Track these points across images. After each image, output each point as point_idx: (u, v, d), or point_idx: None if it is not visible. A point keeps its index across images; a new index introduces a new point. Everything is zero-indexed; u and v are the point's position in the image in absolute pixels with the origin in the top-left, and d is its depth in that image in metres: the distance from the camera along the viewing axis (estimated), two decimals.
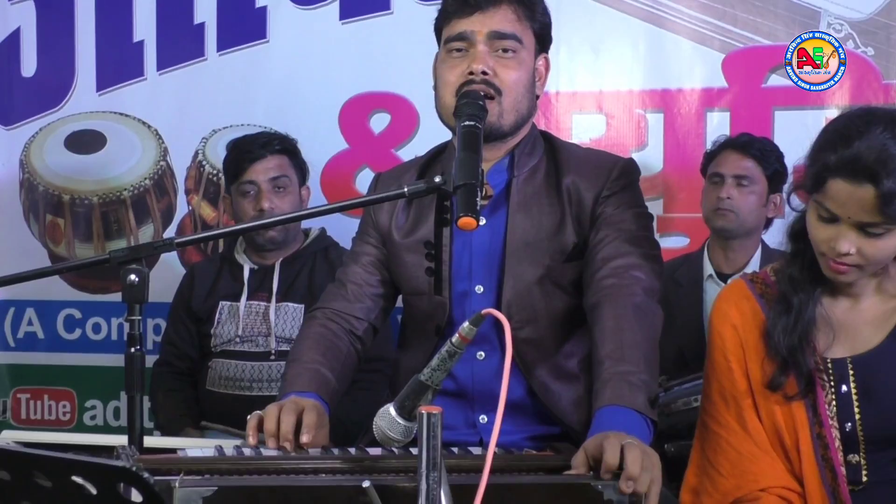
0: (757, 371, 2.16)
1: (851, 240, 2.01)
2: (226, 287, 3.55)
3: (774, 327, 2.13)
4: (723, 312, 2.22)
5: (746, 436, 2.16)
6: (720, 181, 3.55)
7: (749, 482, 2.14)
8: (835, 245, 2.02)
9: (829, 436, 2.11)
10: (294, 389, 2.21)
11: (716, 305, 2.25)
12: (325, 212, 2.43)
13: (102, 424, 4.13)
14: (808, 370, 2.11)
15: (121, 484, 1.24)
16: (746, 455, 2.16)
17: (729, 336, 2.20)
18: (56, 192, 4.11)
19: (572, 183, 2.34)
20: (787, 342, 2.11)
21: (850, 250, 2.01)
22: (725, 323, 2.21)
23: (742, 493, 2.14)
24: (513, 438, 2.27)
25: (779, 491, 2.13)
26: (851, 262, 2.03)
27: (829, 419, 2.11)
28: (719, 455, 2.19)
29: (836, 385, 2.13)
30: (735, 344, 2.19)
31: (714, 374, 2.22)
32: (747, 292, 2.21)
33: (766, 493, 2.13)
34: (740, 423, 2.17)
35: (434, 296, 2.35)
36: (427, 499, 1.53)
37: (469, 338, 1.69)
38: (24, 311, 4.14)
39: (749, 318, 2.19)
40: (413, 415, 1.75)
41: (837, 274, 2.06)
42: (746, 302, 2.20)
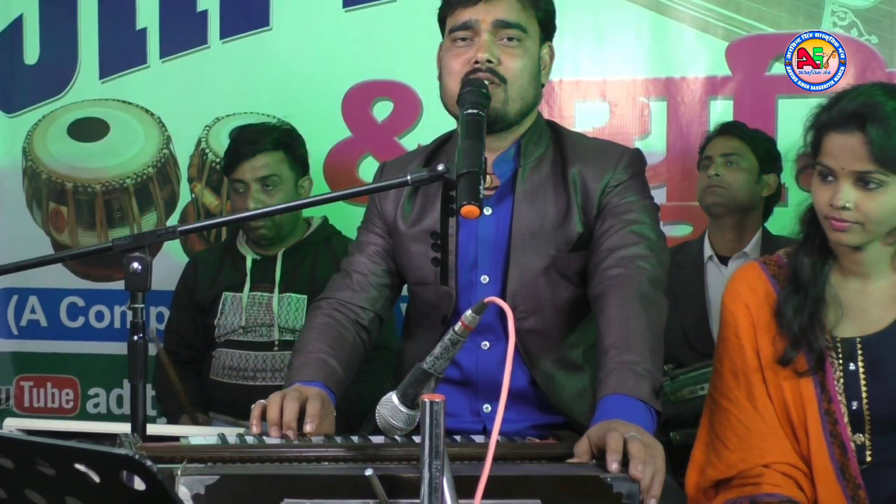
0: (767, 348, 2.18)
1: (849, 194, 2.06)
2: (228, 277, 3.54)
3: (786, 305, 2.16)
4: (736, 292, 2.25)
5: (755, 412, 2.18)
6: (709, 163, 3.58)
7: (754, 456, 2.15)
8: (833, 200, 2.06)
9: (838, 411, 2.13)
10: (299, 379, 2.21)
11: (729, 285, 2.28)
12: (328, 200, 2.42)
13: (105, 412, 4.14)
14: (820, 348, 2.14)
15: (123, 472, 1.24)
16: (754, 431, 2.17)
17: (741, 314, 2.22)
18: (59, 180, 4.12)
19: (578, 173, 2.33)
20: (797, 321, 2.14)
21: (847, 203, 2.05)
22: (738, 302, 2.23)
23: (746, 466, 2.15)
24: (516, 427, 2.27)
25: (782, 468, 2.14)
26: (851, 218, 2.06)
27: (838, 395, 2.13)
28: (727, 430, 2.20)
29: (844, 363, 2.15)
30: (747, 322, 2.21)
31: (725, 352, 2.24)
32: (760, 273, 2.24)
33: (770, 468, 2.14)
34: (750, 400, 2.19)
35: (440, 286, 2.35)
36: (430, 487, 1.52)
37: (472, 326, 1.69)
38: (28, 299, 4.15)
39: (761, 298, 2.21)
40: (416, 403, 1.75)
41: (840, 233, 2.09)
42: (759, 282, 2.23)
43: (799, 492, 2.13)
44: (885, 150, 2.02)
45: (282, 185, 3.46)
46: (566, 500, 1.72)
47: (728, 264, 3.58)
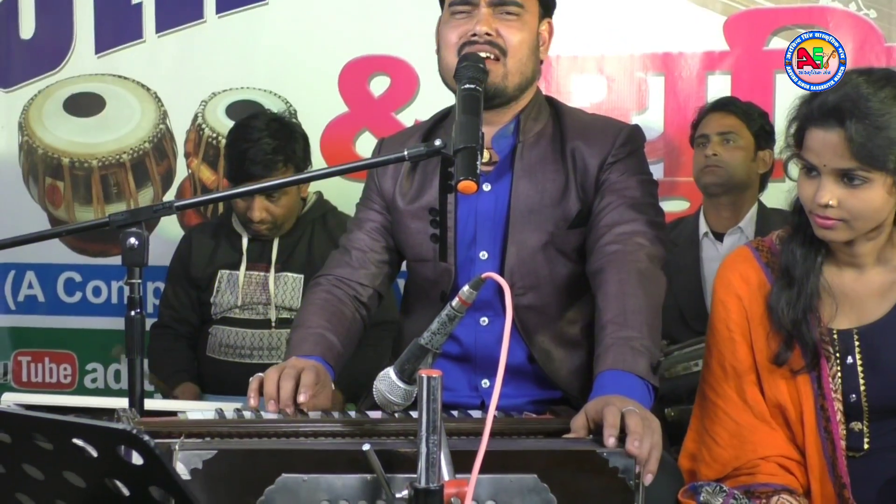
0: (762, 344, 2.16)
1: (832, 190, 2.00)
2: (224, 256, 3.53)
3: (778, 301, 2.12)
4: (727, 282, 2.20)
5: (745, 407, 2.16)
6: (705, 141, 3.56)
7: (748, 452, 2.14)
8: (817, 198, 2.02)
9: (832, 408, 2.11)
10: (298, 354, 2.21)
11: (720, 274, 2.24)
12: (324, 175, 2.42)
13: (103, 387, 4.14)
14: (814, 342, 2.10)
15: (121, 446, 1.24)
16: (745, 426, 2.16)
17: (734, 307, 2.19)
18: (55, 156, 4.10)
19: (577, 149, 2.33)
20: (790, 315, 2.11)
21: (830, 201, 2.01)
22: (730, 293, 2.19)
23: (741, 462, 2.14)
24: (513, 402, 2.28)
25: (777, 459, 2.13)
26: (835, 215, 2.02)
27: (831, 391, 2.11)
28: (717, 426, 2.19)
29: (841, 356, 2.12)
30: (740, 316, 2.18)
31: (715, 344, 2.22)
32: (753, 261, 2.20)
33: (765, 461, 2.13)
34: (739, 395, 2.17)
35: (439, 262, 2.34)
36: (427, 462, 1.53)
37: (469, 301, 1.69)
38: (25, 274, 4.14)
39: (755, 289, 2.18)
40: (413, 378, 1.75)
41: (825, 230, 2.05)
42: (752, 271, 2.19)
43: (794, 480, 2.12)
44: (867, 147, 1.95)
45: (287, 193, 3.42)
46: (562, 475, 1.73)
47: (723, 240, 3.58)
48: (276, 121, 3.46)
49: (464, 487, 1.53)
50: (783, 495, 2.08)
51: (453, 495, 1.54)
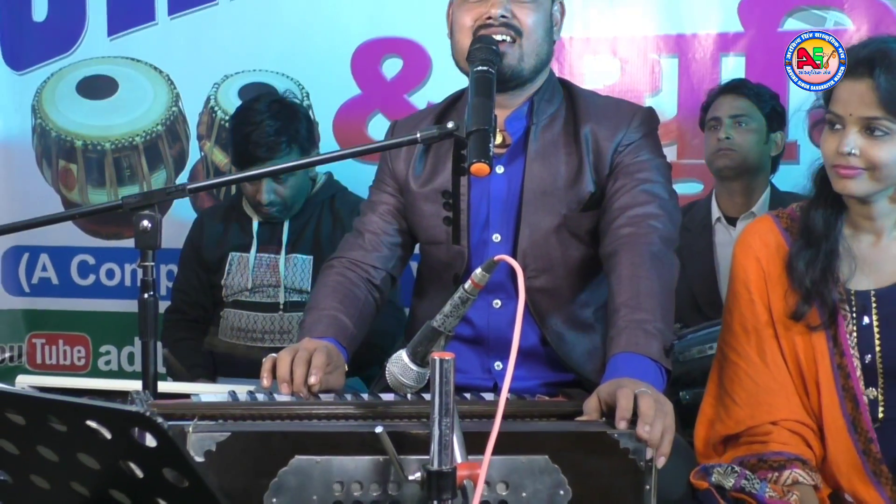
0: (778, 303, 2.18)
1: (855, 140, 2.06)
2: (235, 238, 3.53)
3: (797, 259, 2.16)
4: (747, 244, 2.24)
5: (765, 368, 2.18)
6: (718, 124, 3.54)
7: (763, 413, 2.15)
8: (840, 147, 2.06)
9: (851, 365, 2.12)
10: (311, 336, 2.21)
11: (740, 238, 2.27)
12: (337, 158, 2.40)
13: (117, 369, 4.16)
14: (833, 302, 2.13)
15: (135, 428, 1.25)
16: (763, 387, 2.17)
17: (752, 268, 2.21)
18: (68, 138, 4.11)
19: (591, 131, 2.32)
20: (809, 274, 2.14)
21: (853, 150, 2.05)
22: (749, 255, 2.22)
23: (755, 422, 2.15)
24: (526, 385, 2.28)
25: (791, 425, 2.14)
26: (857, 164, 2.06)
27: (850, 349, 2.13)
28: (736, 385, 2.20)
29: (857, 316, 2.14)
30: (758, 276, 2.20)
31: (736, 306, 2.23)
32: (773, 226, 2.23)
33: (778, 426, 2.14)
34: (760, 355, 2.19)
35: (452, 245, 2.34)
36: (439, 444, 1.53)
37: (482, 284, 1.69)
38: (38, 256, 4.15)
39: (773, 251, 2.20)
40: (425, 361, 1.75)
41: (846, 181, 2.08)
42: (771, 235, 2.22)
43: (807, 449, 2.13)
44: (893, 96, 2.01)
45: (295, 176, 3.40)
46: (574, 456, 1.73)
47: (736, 225, 3.56)
48: (277, 102, 3.45)
49: (476, 469, 1.53)
50: (795, 467, 2.08)
51: (466, 477, 1.54)
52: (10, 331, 4.19)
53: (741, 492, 2.06)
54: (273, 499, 1.67)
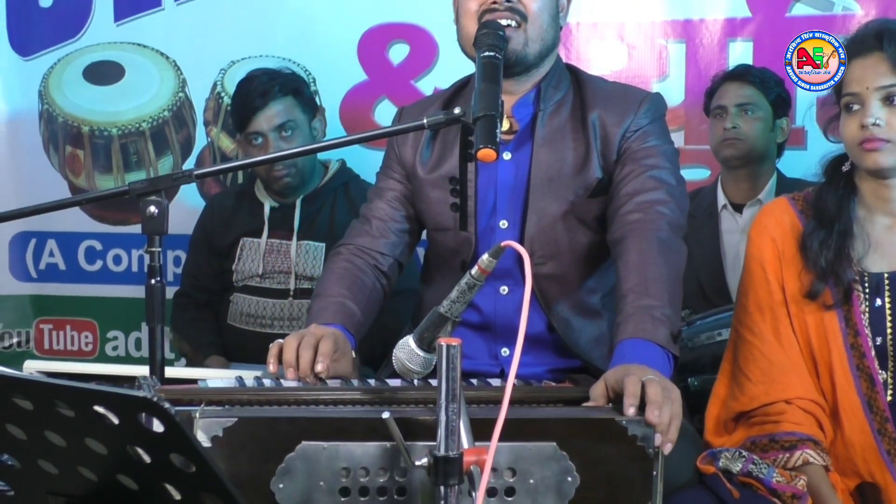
0: (793, 282, 2.19)
1: (877, 111, 2.09)
2: (246, 223, 3.53)
3: (811, 239, 2.18)
4: (762, 225, 2.25)
5: (780, 346, 2.19)
6: (723, 112, 3.52)
7: (777, 391, 2.16)
8: (863, 121, 2.09)
9: (865, 345, 2.13)
10: (318, 322, 2.21)
11: (756, 220, 2.29)
12: (344, 143, 2.41)
13: (124, 355, 4.16)
14: (847, 281, 2.15)
15: (142, 414, 1.25)
16: (777, 364, 2.18)
17: (767, 247, 2.22)
18: (75, 124, 4.11)
19: (598, 117, 2.32)
20: (824, 253, 2.16)
21: (877, 120, 2.09)
22: (764, 235, 2.24)
23: (769, 399, 2.16)
24: (533, 371, 2.28)
25: (804, 404, 2.15)
26: (882, 135, 2.09)
27: (864, 328, 2.13)
28: (751, 363, 2.21)
29: (870, 298, 2.15)
30: (773, 255, 2.21)
31: (751, 285, 2.24)
32: (788, 208, 2.25)
33: (792, 405, 2.15)
34: (775, 334, 2.20)
35: (459, 231, 2.34)
36: (446, 430, 1.53)
37: (488, 270, 1.69)
38: (46, 242, 4.16)
39: (788, 231, 2.22)
40: (432, 347, 1.76)
41: (874, 154, 2.10)
42: (786, 216, 2.24)
43: (818, 430, 2.14)
44: None
45: (298, 130, 3.42)
46: (581, 443, 1.74)
47: (742, 212, 3.55)
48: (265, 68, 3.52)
49: (483, 455, 1.53)
50: (807, 448, 2.09)
51: (473, 463, 1.54)
52: (17, 316, 4.20)
53: (748, 476, 2.06)
54: (280, 484, 1.68)
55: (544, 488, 1.72)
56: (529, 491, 1.72)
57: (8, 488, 1.45)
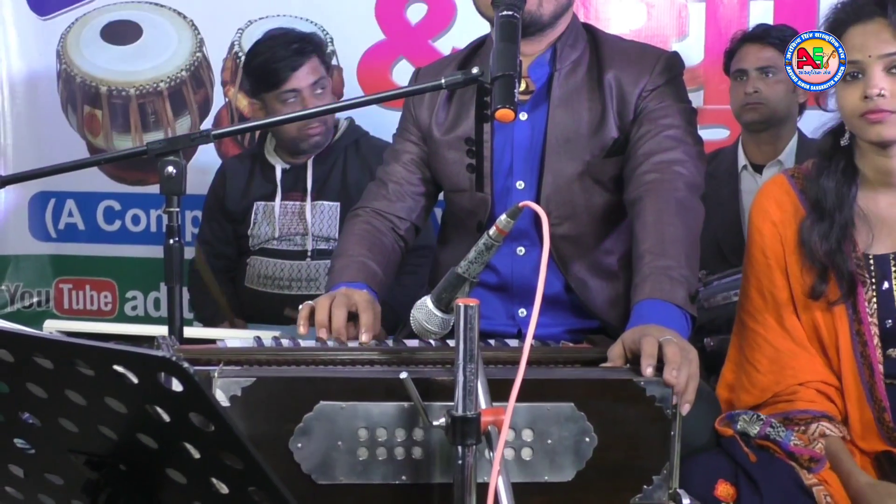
0: (794, 264, 2.15)
1: (880, 80, 2.02)
2: (259, 187, 3.53)
3: (810, 234, 2.12)
4: (762, 209, 2.20)
5: (784, 333, 2.16)
6: (744, 76, 3.48)
7: (787, 377, 2.15)
8: (867, 91, 2.02)
9: (868, 332, 2.10)
10: (342, 280, 2.21)
11: (755, 202, 2.23)
12: (362, 104, 2.40)
13: (143, 315, 4.18)
14: (849, 272, 2.09)
15: (161, 373, 1.25)
16: (784, 351, 2.16)
17: (768, 233, 2.18)
18: (93, 84, 4.10)
19: (615, 77, 2.30)
20: (824, 247, 2.10)
21: (881, 90, 2.01)
22: (765, 220, 2.19)
23: (780, 388, 2.15)
24: (550, 331, 2.28)
25: (816, 385, 2.14)
26: (887, 106, 2.02)
27: (868, 316, 2.10)
28: (756, 352, 2.19)
29: (877, 282, 2.11)
30: (774, 241, 2.18)
31: (752, 272, 2.21)
32: (788, 187, 2.20)
33: (804, 387, 2.13)
34: (778, 321, 2.17)
35: (475, 192, 2.34)
36: (464, 390, 1.53)
37: (506, 230, 1.68)
38: (65, 202, 4.16)
39: (790, 214, 2.17)
40: (450, 307, 1.76)
41: (878, 125, 2.04)
42: (787, 197, 2.19)
43: (832, 406, 2.13)
44: None
45: (328, 88, 3.43)
46: (599, 403, 1.74)
47: (763, 173, 3.53)
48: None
49: (501, 415, 1.53)
50: (822, 422, 2.09)
51: (490, 423, 1.54)
52: (37, 276, 4.22)
53: (766, 439, 2.06)
54: (298, 444, 1.69)
55: (562, 449, 1.73)
56: (547, 451, 1.73)
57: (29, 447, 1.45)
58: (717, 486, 1.98)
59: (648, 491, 1.77)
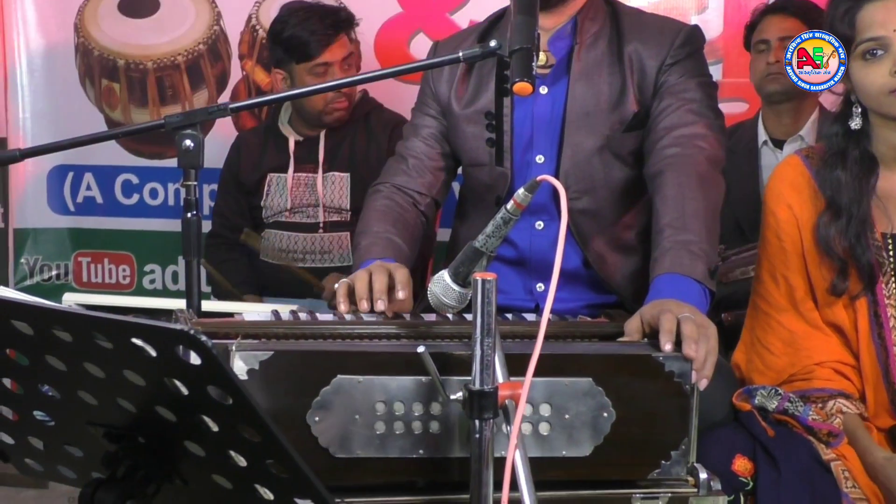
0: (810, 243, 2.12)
1: None
2: (272, 159, 3.54)
3: (827, 231, 2.08)
4: (777, 192, 2.17)
5: (798, 316, 2.15)
6: (766, 47, 3.45)
7: (803, 358, 2.13)
8: (893, 67, 1.97)
9: (885, 315, 2.09)
10: (370, 257, 2.20)
11: (770, 185, 2.20)
12: (378, 77, 2.39)
13: (161, 288, 4.19)
14: (869, 263, 2.06)
15: (179, 346, 1.25)
16: (799, 333, 2.14)
17: (784, 217, 2.15)
18: (111, 57, 4.10)
19: (635, 51, 2.28)
20: (843, 243, 2.07)
21: None
22: (780, 203, 2.16)
23: (796, 369, 2.13)
24: (568, 306, 2.28)
25: (833, 365, 2.12)
26: None
27: (885, 298, 2.08)
28: (770, 335, 2.17)
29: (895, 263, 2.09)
30: (790, 225, 2.15)
31: (766, 255, 2.19)
32: (802, 169, 2.16)
33: (821, 366, 2.12)
34: (791, 304, 2.15)
35: (495, 167, 2.33)
36: (481, 364, 1.53)
37: (524, 204, 1.67)
38: (83, 175, 4.17)
39: (806, 196, 2.14)
40: (467, 281, 1.75)
41: None
42: (802, 179, 2.15)
43: (849, 384, 2.11)
44: None
45: (354, 62, 3.43)
46: (617, 378, 1.74)
47: (783, 148, 3.50)
48: None
49: (518, 389, 1.53)
50: (840, 399, 2.07)
51: (508, 397, 1.54)
52: (56, 249, 4.23)
53: (784, 414, 2.05)
54: (315, 417, 1.69)
55: (580, 424, 1.73)
56: (565, 426, 1.73)
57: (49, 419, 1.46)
58: (734, 460, 1.98)
59: (666, 466, 1.77)
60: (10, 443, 1.53)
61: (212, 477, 1.36)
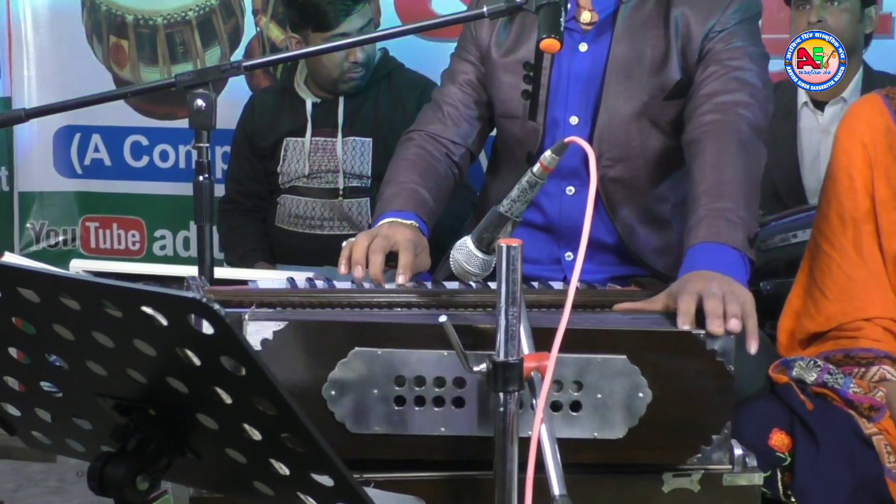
0: (883, 189, 2.07)
1: None
2: (288, 122, 3.47)
3: None
4: (852, 128, 2.12)
5: (860, 260, 2.09)
6: (807, 4, 3.36)
7: (855, 309, 2.08)
8: None
9: None
10: (391, 209, 2.16)
11: (844, 121, 2.15)
12: (400, 34, 2.34)
13: (172, 255, 4.15)
14: None
15: (191, 315, 1.21)
16: (857, 280, 2.09)
17: (857, 153, 2.10)
18: (119, 13, 4.04)
19: (682, 14, 2.21)
20: None
21: None
22: (854, 139, 2.11)
23: (846, 318, 2.08)
24: (596, 277, 2.23)
25: (885, 322, 2.07)
26: None
27: None
28: (827, 278, 2.12)
29: None
30: (863, 162, 2.10)
31: (834, 194, 2.14)
32: (882, 107, 2.11)
33: (871, 322, 2.07)
34: (856, 248, 2.10)
35: (527, 121, 2.27)
36: (506, 335, 1.47)
37: (551, 167, 1.61)
38: (90, 137, 4.12)
39: (881, 136, 2.09)
40: (492, 248, 1.70)
41: None
42: (880, 118, 2.10)
43: None
44: None
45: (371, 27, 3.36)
46: (654, 357, 1.67)
47: (825, 110, 3.41)
48: None
49: (545, 360, 1.46)
50: (884, 364, 2.02)
51: (534, 369, 1.48)
52: (63, 214, 4.18)
53: (823, 386, 2.00)
54: (332, 391, 1.64)
55: (613, 404, 1.66)
56: (597, 406, 1.66)
57: (56, 390, 1.44)
58: (771, 435, 1.93)
59: (707, 451, 1.70)
60: (16, 415, 1.49)
61: (225, 451, 1.33)
